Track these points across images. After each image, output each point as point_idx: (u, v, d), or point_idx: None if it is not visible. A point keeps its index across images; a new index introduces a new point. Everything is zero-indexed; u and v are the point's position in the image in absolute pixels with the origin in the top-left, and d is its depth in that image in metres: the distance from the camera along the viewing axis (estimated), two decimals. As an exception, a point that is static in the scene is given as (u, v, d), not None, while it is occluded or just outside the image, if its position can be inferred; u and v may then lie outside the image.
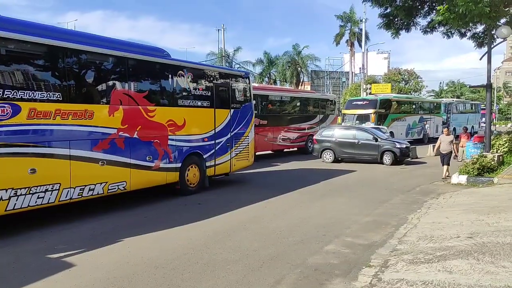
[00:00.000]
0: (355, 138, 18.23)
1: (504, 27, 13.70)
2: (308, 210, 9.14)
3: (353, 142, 18.19)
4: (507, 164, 13.83)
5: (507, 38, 14.91)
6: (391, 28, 16.13)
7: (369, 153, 17.83)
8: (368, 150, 17.85)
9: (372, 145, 17.81)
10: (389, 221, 8.11)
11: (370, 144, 17.87)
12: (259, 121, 18.18)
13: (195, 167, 11.02)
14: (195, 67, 11.41)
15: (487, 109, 15.34)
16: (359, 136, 18.31)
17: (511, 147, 15.00)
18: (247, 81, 13.31)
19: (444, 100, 40.69)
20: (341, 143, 18.37)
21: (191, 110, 10.82)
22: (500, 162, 13.87)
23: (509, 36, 14.54)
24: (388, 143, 18.02)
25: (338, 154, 18.38)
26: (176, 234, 7.26)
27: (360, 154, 18.02)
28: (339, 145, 18.36)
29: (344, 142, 18.35)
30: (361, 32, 44.97)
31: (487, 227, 6.96)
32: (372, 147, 17.79)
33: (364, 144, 17.95)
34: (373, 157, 17.74)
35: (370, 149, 17.81)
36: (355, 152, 18.11)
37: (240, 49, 50.52)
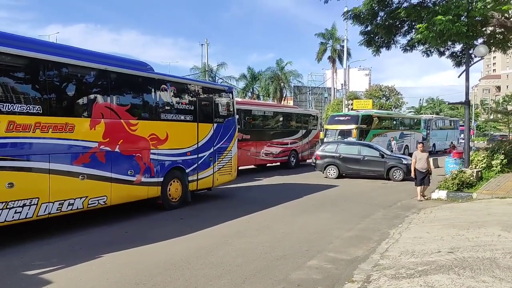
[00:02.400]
0: (360, 154, 18.25)
1: (481, 46, 14.15)
2: (291, 225, 9.13)
3: (358, 158, 18.18)
4: (485, 180, 14.12)
5: (484, 56, 15.37)
6: (372, 45, 16.47)
7: (375, 169, 17.84)
8: (374, 166, 17.87)
9: (378, 162, 17.84)
10: (371, 236, 8.15)
11: (376, 160, 17.91)
12: (242, 135, 18.20)
13: (178, 182, 10.93)
14: (178, 81, 11.40)
15: (465, 126, 15.71)
16: (364, 152, 18.36)
17: (489, 163, 15.33)
18: (231, 95, 13.34)
19: (424, 116, 41.53)
20: (345, 159, 18.28)
21: (174, 124, 10.77)
22: (479, 177, 14.15)
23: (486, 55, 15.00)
24: (394, 159, 18.16)
25: (342, 170, 18.25)
26: (157, 250, 7.15)
27: (365, 170, 18.00)
28: (344, 161, 18.26)
29: (349, 157, 18.28)
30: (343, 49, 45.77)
31: (467, 242, 7.06)
32: (378, 164, 17.81)
33: (370, 160, 17.97)
34: (379, 173, 17.75)
35: (376, 165, 17.82)
36: (361, 168, 18.05)
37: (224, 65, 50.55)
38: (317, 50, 54.16)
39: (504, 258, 5.93)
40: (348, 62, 46.74)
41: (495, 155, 15.65)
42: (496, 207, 10.48)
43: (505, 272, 5.34)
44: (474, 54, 14.98)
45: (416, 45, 16.05)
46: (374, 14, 15.18)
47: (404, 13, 13.68)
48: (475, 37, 13.87)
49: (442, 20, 11.56)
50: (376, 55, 16.89)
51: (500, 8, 12.03)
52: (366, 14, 15.04)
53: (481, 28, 13.92)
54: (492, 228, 7.99)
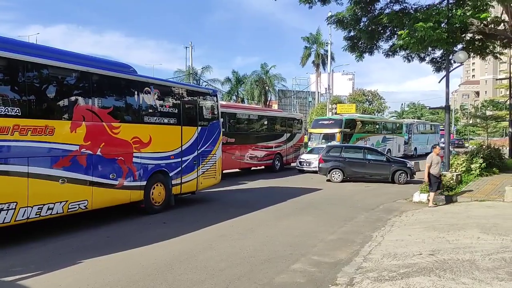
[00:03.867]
0: (366, 158, 18.43)
1: (460, 52, 14.41)
2: (275, 229, 9.10)
3: (364, 161, 18.33)
4: (465, 183, 14.34)
5: (464, 62, 15.65)
6: (355, 50, 16.64)
7: (380, 172, 18.03)
8: (379, 170, 18.05)
9: (384, 165, 18.06)
10: (354, 239, 8.18)
11: (382, 164, 18.13)
12: (226, 139, 18.13)
13: (161, 185, 10.81)
14: (162, 84, 11.30)
15: (446, 130, 15.94)
16: (369, 155, 18.58)
17: (469, 167, 15.58)
18: (215, 99, 13.28)
19: (406, 120, 42.11)
20: (351, 162, 18.38)
21: (157, 127, 10.66)
22: (459, 181, 14.36)
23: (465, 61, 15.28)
24: (399, 163, 18.49)
25: (347, 174, 18.30)
26: (140, 255, 7.03)
27: (371, 174, 18.16)
28: (349, 164, 18.34)
29: (354, 161, 18.42)
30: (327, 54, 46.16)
31: (448, 244, 7.13)
32: (384, 167, 18.02)
33: (375, 164, 18.15)
34: (384, 176, 17.94)
35: (382, 169, 18.02)
36: (366, 172, 18.20)
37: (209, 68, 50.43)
38: (302, 55, 54.53)
39: (483, 260, 6.01)
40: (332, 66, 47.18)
41: (474, 159, 15.93)
42: (475, 210, 10.64)
43: (484, 274, 5.40)
44: (454, 60, 15.25)
45: (398, 51, 16.29)
46: (357, 20, 15.35)
47: (387, 19, 13.85)
48: (454, 44, 14.12)
49: (423, 26, 11.73)
50: (359, 60, 17.08)
51: (479, 16, 12.29)
52: (349, 19, 15.19)
53: (461, 34, 14.19)
54: (471, 230, 8.10)
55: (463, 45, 15.66)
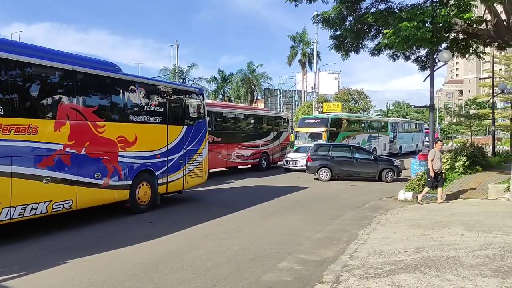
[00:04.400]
0: (353, 157, 18.59)
1: (445, 51, 14.59)
2: (261, 227, 9.12)
3: (351, 160, 18.48)
4: (449, 181, 14.52)
5: (448, 61, 15.87)
6: (341, 49, 16.70)
7: (368, 171, 18.20)
8: (367, 168, 18.22)
9: (371, 164, 18.23)
10: (341, 237, 8.25)
11: (370, 162, 18.30)
12: (213, 138, 18.09)
13: (147, 185, 10.74)
14: (147, 83, 11.22)
15: (430, 129, 16.14)
16: (357, 154, 18.76)
17: (453, 165, 15.79)
18: (201, 97, 13.24)
19: (391, 119, 42.50)
20: (338, 161, 18.51)
21: (143, 126, 10.60)
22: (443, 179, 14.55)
23: (449, 60, 15.49)
24: (386, 161, 18.72)
25: (335, 172, 18.42)
26: (126, 255, 6.99)
27: (358, 172, 18.31)
28: (337, 163, 18.47)
29: (342, 160, 18.55)
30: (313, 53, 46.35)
31: (432, 241, 7.24)
32: (371, 166, 18.19)
33: (363, 162, 18.34)
34: (372, 175, 18.11)
35: (369, 167, 18.19)
36: (354, 170, 18.35)
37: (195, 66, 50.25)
38: (288, 54, 54.62)
39: (467, 257, 6.12)
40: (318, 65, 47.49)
41: (458, 157, 16.14)
42: (459, 208, 10.82)
43: (468, 270, 5.50)
44: (438, 59, 15.45)
45: (383, 50, 16.40)
46: (342, 19, 15.41)
47: (372, 18, 13.93)
48: (439, 43, 14.27)
49: (408, 26, 11.84)
50: (345, 59, 17.13)
51: (463, 16, 12.43)
52: (335, 18, 15.23)
53: (445, 34, 14.33)
54: (455, 228, 8.23)
55: (447, 45, 15.84)
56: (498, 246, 6.65)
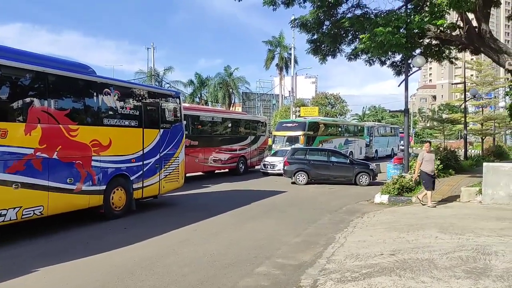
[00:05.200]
0: (330, 160, 18.66)
1: (418, 57, 14.94)
2: (239, 232, 9.09)
3: (328, 164, 18.55)
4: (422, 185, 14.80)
5: (421, 67, 16.26)
6: (318, 53, 16.91)
7: (344, 174, 18.26)
8: (343, 172, 18.28)
9: (347, 167, 18.31)
10: (318, 241, 8.29)
11: (345, 166, 18.39)
12: (189, 141, 17.97)
13: (121, 190, 10.57)
14: (122, 85, 11.06)
15: (405, 133, 16.46)
16: (333, 158, 18.85)
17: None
18: (178, 100, 13.14)
19: (367, 123, 43.10)
20: (315, 165, 18.55)
21: (118, 130, 10.43)
22: (417, 182, 14.81)
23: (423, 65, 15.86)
24: (362, 165, 18.83)
25: (312, 176, 18.46)
26: (99, 262, 6.83)
27: (335, 176, 18.37)
28: (314, 167, 18.51)
29: (319, 164, 18.60)
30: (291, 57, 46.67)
31: (407, 244, 7.36)
32: (347, 169, 18.26)
33: (339, 166, 18.43)
34: (348, 178, 18.17)
35: (345, 171, 18.26)
36: (330, 174, 18.41)
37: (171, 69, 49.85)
38: (265, 57, 54.88)
39: (441, 259, 6.23)
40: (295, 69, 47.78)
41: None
42: (434, 210, 11.05)
43: (443, 272, 5.61)
44: (412, 65, 15.80)
45: (359, 54, 16.68)
46: (320, 23, 15.60)
47: (348, 23, 14.15)
48: (413, 48, 14.59)
49: (383, 31, 12.07)
50: (322, 63, 17.38)
51: (436, 22, 12.76)
52: (312, 23, 15.42)
53: (419, 40, 14.68)
54: (430, 230, 8.39)
55: (421, 50, 16.22)
56: (470, 248, 6.80)
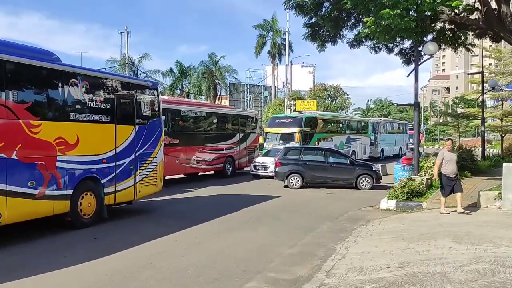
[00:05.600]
0: (327, 161, 18.71)
1: (430, 43, 14.97)
2: (226, 242, 9.10)
3: (325, 165, 18.60)
4: (435, 188, 14.90)
5: (434, 55, 16.33)
6: (316, 39, 16.92)
7: (343, 177, 18.34)
8: (342, 174, 18.35)
9: (347, 169, 18.36)
10: (316, 252, 8.33)
11: (345, 167, 18.43)
12: (169, 139, 17.93)
13: (91, 195, 10.53)
14: (92, 75, 11.02)
15: (414, 129, 16.57)
16: (332, 158, 18.88)
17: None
18: (156, 92, 13.13)
19: (372, 119, 43.36)
20: (311, 166, 18.59)
21: (87, 126, 10.38)
22: (429, 185, 14.96)
23: (435, 53, 15.93)
24: (364, 166, 18.90)
25: (307, 178, 18.47)
26: (66, 277, 6.80)
27: (333, 179, 18.41)
28: (309, 168, 18.54)
29: (315, 165, 18.66)
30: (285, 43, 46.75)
31: (417, 255, 7.43)
32: (347, 171, 18.32)
33: (338, 167, 18.46)
34: (348, 181, 18.25)
35: (345, 172, 18.32)
36: (328, 176, 18.45)
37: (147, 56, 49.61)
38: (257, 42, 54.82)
39: (455, 272, 6.30)
40: (290, 57, 47.97)
41: (445, 161, 16.62)
42: (447, 217, 11.16)
43: (457, 287, 5.67)
44: (423, 52, 15.87)
45: (363, 41, 16.73)
46: (318, 4, 15.59)
47: (350, 4, 14.13)
48: (424, 33, 14.65)
49: (390, 14, 12.10)
50: (321, 51, 17.37)
51: (450, 4, 12.79)
52: (310, 4, 15.40)
53: (431, 24, 14.75)
54: (442, 240, 8.48)
55: (433, 36, 16.27)
56: (488, 259, 6.88)
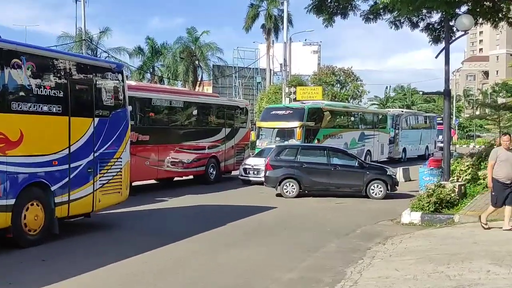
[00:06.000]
0: (331, 163, 18.73)
1: (464, 16, 15.01)
2: (209, 265, 9.11)
3: (327, 168, 18.61)
4: (470, 197, 14.98)
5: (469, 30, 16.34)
6: (323, 12, 16.93)
7: (351, 183, 18.41)
8: (349, 179, 18.41)
9: (356, 173, 18.43)
10: (321, 278, 8.33)
11: (353, 171, 18.50)
12: (137, 136, 17.88)
13: (38, 205, 10.45)
14: (39, 54, 10.96)
15: (445, 124, 16.63)
16: (336, 159, 18.90)
17: (475, 174, 16.30)
18: (120, 77, 13.12)
19: (392, 111, 43.34)
20: (310, 170, 18.63)
21: (33, 119, 10.32)
22: (462, 194, 15.01)
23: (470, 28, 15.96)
24: (376, 169, 19.01)
25: (305, 185, 18.47)
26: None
27: (338, 185, 18.46)
28: (308, 172, 18.57)
29: (315, 168, 18.71)
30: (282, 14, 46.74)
31: (448, 281, 7.46)
32: (356, 176, 18.40)
33: (343, 171, 18.49)
34: (356, 188, 18.31)
35: (353, 177, 18.40)
36: (331, 182, 18.47)
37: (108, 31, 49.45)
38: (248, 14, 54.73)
39: (495, 301, 6.34)
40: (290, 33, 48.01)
41: (482, 163, 16.65)
42: (484, 234, 11.20)
43: (496, 320, 5.70)
44: (456, 27, 15.90)
45: (381, 13, 16.78)
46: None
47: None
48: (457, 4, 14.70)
49: (415, -22, 12.16)
50: (328, 26, 17.38)
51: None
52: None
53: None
54: (479, 261, 8.52)
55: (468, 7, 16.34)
56: (535, 285, 6.93)
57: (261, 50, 60.93)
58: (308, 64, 66.18)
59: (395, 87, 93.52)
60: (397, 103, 79.79)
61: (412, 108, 71.83)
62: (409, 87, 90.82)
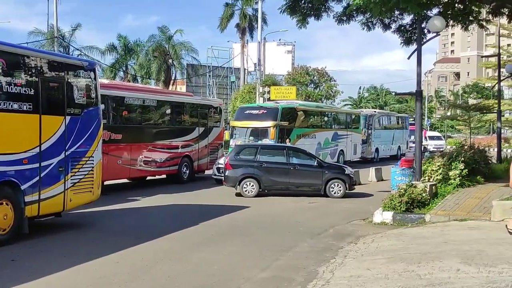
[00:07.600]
0: (290, 162, 18.80)
1: (436, 18, 15.16)
2: (181, 265, 9.09)
3: (286, 167, 18.68)
4: (441, 196, 15.16)
5: (440, 32, 16.54)
6: (296, 12, 16.96)
7: (310, 182, 18.49)
8: (308, 179, 18.50)
9: (315, 172, 18.51)
10: (294, 277, 8.37)
11: (312, 170, 18.59)
12: (110, 135, 17.77)
13: (7, 204, 10.33)
14: (9, 51, 10.81)
15: (416, 124, 16.75)
16: (295, 159, 18.98)
17: (446, 174, 16.50)
18: (92, 75, 13.04)
19: (365, 111, 43.71)
20: (269, 169, 18.66)
21: (2, 117, 10.20)
22: (433, 193, 15.18)
23: (442, 30, 16.15)
24: (334, 168, 19.17)
25: (265, 184, 18.47)
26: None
27: (297, 184, 18.55)
28: (267, 172, 18.59)
29: (274, 167, 18.75)
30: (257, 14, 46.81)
31: (418, 280, 7.55)
32: (314, 175, 18.47)
33: (302, 170, 18.58)
34: (315, 187, 18.42)
35: (312, 177, 18.48)
36: (291, 181, 18.53)
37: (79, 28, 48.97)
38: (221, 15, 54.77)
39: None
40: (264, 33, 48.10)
41: (453, 163, 16.85)
42: (455, 233, 11.36)
43: (465, 318, 5.79)
44: (428, 29, 16.09)
45: (354, 15, 16.88)
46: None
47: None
48: (429, 6, 14.86)
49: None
50: (302, 27, 17.43)
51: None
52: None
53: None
54: (449, 260, 8.63)
55: (440, 9, 16.51)
56: (504, 284, 7.02)
57: (236, 49, 60.98)
58: (282, 64, 66.24)
59: (368, 88, 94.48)
60: (370, 104, 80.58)
61: (385, 108, 72.66)
62: (382, 88, 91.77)
